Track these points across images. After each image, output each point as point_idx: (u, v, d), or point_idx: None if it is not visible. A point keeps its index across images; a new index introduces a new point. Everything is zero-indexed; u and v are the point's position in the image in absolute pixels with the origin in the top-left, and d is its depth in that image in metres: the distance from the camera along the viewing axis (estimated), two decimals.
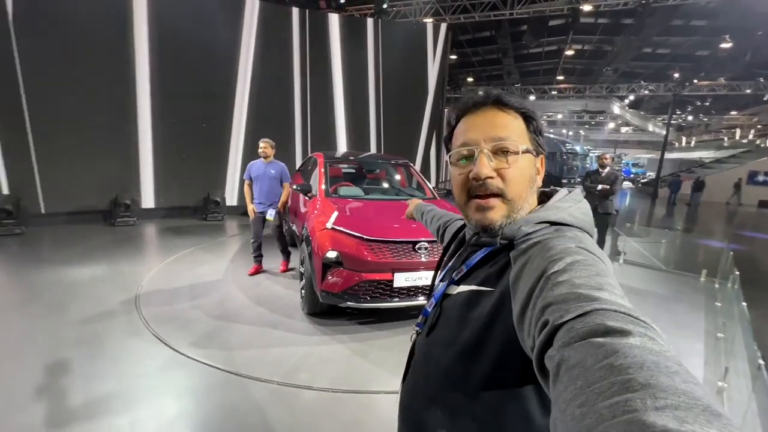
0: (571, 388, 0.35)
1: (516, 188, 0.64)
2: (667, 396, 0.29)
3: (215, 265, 4.73)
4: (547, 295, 0.47)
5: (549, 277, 0.50)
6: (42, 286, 3.83)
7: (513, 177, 0.63)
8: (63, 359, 2.60)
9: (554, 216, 0.63)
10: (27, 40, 5.75)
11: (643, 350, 0.35)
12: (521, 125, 0.67)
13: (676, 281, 5.08)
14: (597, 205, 5.20)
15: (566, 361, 0.38)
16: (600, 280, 0.47)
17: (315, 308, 3.38)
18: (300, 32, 8.20)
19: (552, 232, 0.61)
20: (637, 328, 0.38)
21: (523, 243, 0.61)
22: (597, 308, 0.41)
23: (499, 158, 0.64)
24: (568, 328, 0.41)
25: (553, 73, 22.86)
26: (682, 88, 18.66)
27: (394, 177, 4.96)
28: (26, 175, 6.05)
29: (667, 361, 0.34)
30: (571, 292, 0.45)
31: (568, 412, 0.34)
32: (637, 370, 0.32)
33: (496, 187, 0.63)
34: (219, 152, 7.78)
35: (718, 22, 14.45)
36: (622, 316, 0.40)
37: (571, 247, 0.54)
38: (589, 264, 0.51)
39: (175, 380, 2.47)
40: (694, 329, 3.60)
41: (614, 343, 0.36)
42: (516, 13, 11.26)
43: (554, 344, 0.41)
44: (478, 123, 0.66)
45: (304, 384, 2.48)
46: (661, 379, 0.31)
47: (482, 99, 0.68)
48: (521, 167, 0.64)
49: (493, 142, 0.64)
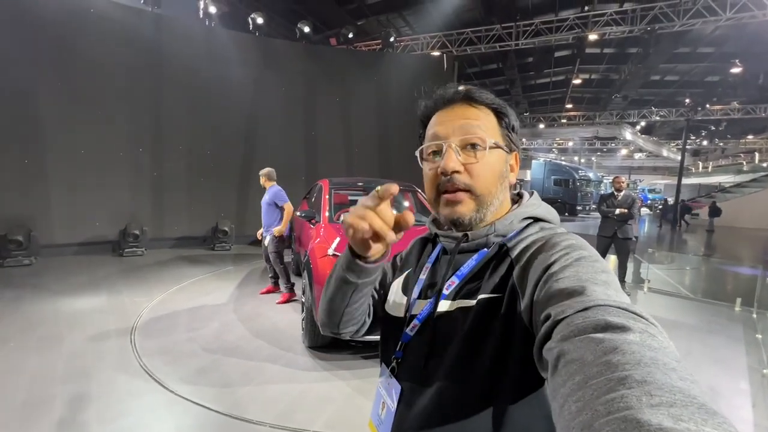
0: (569, 383, 0.35)
1: (484, 183, 0.62)
2: (663, 393, 0.29)
3: (217, 295, 4.59)
4: (551, 287, 0.47)
5: (554, 271, 0.50)
6: (40, 318, 3.74)
7: (481, 172, 0.62)
8: (45, 397, 2.44)
9: (534, 212, 0.65)
10: (46, 77, 6.03)
11: (641, 347, 0.35)
12: (492, 120, 0.65)
13: (708, 311, 4.69)
14: (616, 230, 4.94)
15: (565, 356, 0.38)
16: (604, 276, 0.47)
17: (316, 341, 3.17)
18: (310, 67, 8.43)
19: (538, 230, 0.63)
20: (638, 325, 0.38)
21: (521, 243, 0.60)
22: (599, 304, 0.41)
23: (467, 153, 0.62)
24: (568, 323, 0.41)
25: (562, 101, 23.04)
26: (695, 113, 18.49)
27: (401, 202, 4.84)
28: (39, 204, 6.16)
29: (665, 357, 0.34)
30: (575, 287, 0.45)
31: (565, 407, 0.34)
32: (634, 367, 0.32)
33: (463, 183, 0.62)
34: (228, 183, 7.85)
35: (726, 48, 14.48)
36: (623, 312, 0.40)
37: (576, 243, 0.54)
38: (594, 260, 0.51)
39: (160, 421, 2.27)
40: (735, 365, 3.23)
41: (613, 339, 0.36)
42: (521, 44, 11.48)
43: (553, 337, 0.41)
44: (447, 118, 0.65)
45: (300, 427, 2.25)
46: (658, 376, 0.31)
47: (452, 95, 0.66)
48: (490, 162, 0.62)
49: (461, 136, 0.62)
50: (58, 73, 6.12)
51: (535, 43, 11.51)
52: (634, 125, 23.82)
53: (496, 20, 11.40)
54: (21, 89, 5.88)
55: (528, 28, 11.17)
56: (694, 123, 20.54)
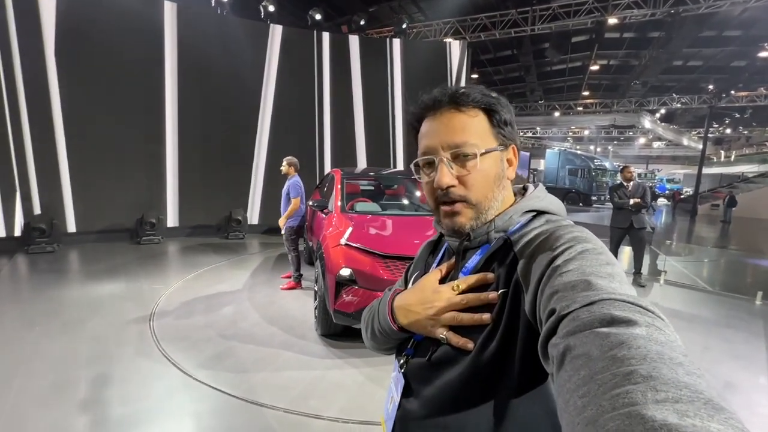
0: (575, 378, 0.35)
1: (479, 192, 0.62)
2: (669, 389, 0.29)
3: (232, 283, 4.68)
4: (555, 282, 0.47)
5: (558, 265, 0.49)
6: (64, 303, 3.88)
7: (475, 182, 0.62)
8: (71, 379, 2.54)
9: (537, 204, 0.64)
10: (64, 70, 6.13)
11: (648, 341, 0.34)
12: (482, 122, 0.63)
13: (726, 304, 4.58)
14: (632, 221, 4.84)
15: (571, 351, 0.37)
16: (609, 269, 0.47)
17: (328, 329, 3.22)
18: (321, 54, 8.38)
19: (543, 222, 0.62)
20: (644, 318, 0.38)
21: (525, 237, 0.60)
22: (604, 298, 0.41)
23: (459, 164, 0.62)
24: (573, 317, 0.40)
25: (578, 89, 22.43)
26: (719, 99, 17.79)
27: (413, 192, 4.82)
28: (59, 194, 6.33)
29: (672, 352, 0.33)
30: (579, 281, 0.45)
31: (571, 402, 0.33)
32: (640, 362, 0.32)
33: (458, 195, 0.62)
34: (241, 172, 7.93)
35: (754, 31, 13.82)
36: (629, 305, 0.40)
37: (580, 236, 0.54)
38: (598, 252, 0.50)
39: (179, 403, 2.35)
40: (756, 361, 3.16)
41: (619, 334, 0.35)
42: (538, 29, 11.15)
43: (558, 332, 0.41)
44: (435, 128, 0.64)
45: (313, 412, 2.30)
46: (664, 371, 0.31)
47: (437, 100, 0.64)
48: (484, 170, 0.62)
49: (450, 149, 0.62)
50: (74, 63, 6.20)
51: (551, 28, 11.15)
52: (653, 113, 23.07)
53: (511, 4, 11.08)
54: (39, 80, 5.99)
55: (545, 12, 10.83)
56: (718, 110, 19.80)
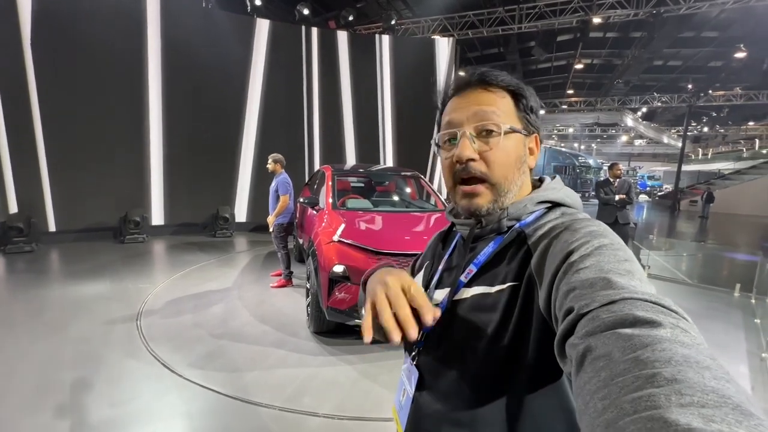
0: (595, 380, 0.33)
1: (500, 171, 0.61)
2: (694, 393, 0.28)
3: (221, 281, 4.61)
4: (572, 279, 0.45)
5: (575, 260, 0.47)
6: (45, 304, 3.75)
7: (496, 159, 0.61)
8: (56, 380, 2.46)
9: (553, 195, 0.63)
10: (42, 61, 5.90)
11: (673, 343, 0.33)
12: (509, 103, 0.63)
13: (706, 296, 4.75)
14: (617, 216, 4.96)
15: (592, 352, 0.36)
16: (628, 266, 0.45)
17: (321, 326, 3.20)
18: (310, 50, 8.29)
19: (559, 215, 0.60)
20: (668, 319, 0.36)
21: (539, 230, 0.58)
22: (625, 297, 0.39)
23: (482, 140, 0.61)
24: (593, 317, 0.39)
25: (563, 87, 22.79)
26: (697, 99, 18.33)
27: (403, 189, 4.83)
28: (37, 192, 6.11)
29: (698, 355, 0.32)
30: (598, 278, 0.43)
31: (591, 404, 0.32)
32: (665, 365, 0.31)
33: (479, 171, 0.61)
34: (228, 169, 7.79)
35: (731, 32, 14.26)
36: (652, 305, 0.38)
37: (597, 230, 0.51)
38: (616, 248, 0.48)
39: (170, 404, 2.30)
40: (735, 349, 3.29)
41: (643, 335, 0.34)
42: (524, 27, 11.26)
43: (577, 332, 0.39)
44: (462, 104, 0.64)
45: (308, 410, 2.29)
46: (690, 374, 0.29)
47: (467, 79, 0.64)
48: (506, 148, 0.61)
49: (475, 123, 0.61)
50: (54, 57, 5.98)
51: (538, 27, 11.29)
52: (635, 111, 23.64)
53: (498, 2, 11.16)
54: (14, 70, 5.75)
55: (531, 11, 10.95)
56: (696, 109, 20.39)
